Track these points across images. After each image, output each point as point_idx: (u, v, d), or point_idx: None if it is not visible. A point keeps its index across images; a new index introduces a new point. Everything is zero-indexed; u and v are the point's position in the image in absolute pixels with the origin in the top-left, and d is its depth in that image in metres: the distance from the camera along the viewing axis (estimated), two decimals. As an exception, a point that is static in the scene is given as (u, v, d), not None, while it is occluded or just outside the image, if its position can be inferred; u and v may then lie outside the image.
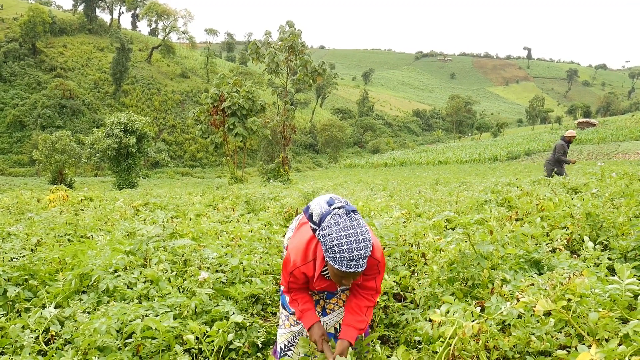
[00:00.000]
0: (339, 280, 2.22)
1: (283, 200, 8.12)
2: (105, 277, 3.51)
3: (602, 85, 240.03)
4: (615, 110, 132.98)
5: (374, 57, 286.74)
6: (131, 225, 5.30)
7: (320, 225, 2.19)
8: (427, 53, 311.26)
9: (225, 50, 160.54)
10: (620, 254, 3.79)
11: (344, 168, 60.97)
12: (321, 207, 2.26)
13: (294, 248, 2.42)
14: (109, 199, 11.52)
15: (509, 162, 46.83)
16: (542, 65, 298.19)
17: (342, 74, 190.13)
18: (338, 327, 2.75)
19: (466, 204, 6.53)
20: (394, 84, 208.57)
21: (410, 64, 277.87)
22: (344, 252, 2.09)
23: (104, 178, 45.62)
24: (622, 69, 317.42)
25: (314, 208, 2.29)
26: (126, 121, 28.88)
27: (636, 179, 7.82)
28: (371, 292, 2.54)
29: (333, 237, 2.10)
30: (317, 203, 2.31)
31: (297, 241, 2.45)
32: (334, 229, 2.11)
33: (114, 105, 69.57)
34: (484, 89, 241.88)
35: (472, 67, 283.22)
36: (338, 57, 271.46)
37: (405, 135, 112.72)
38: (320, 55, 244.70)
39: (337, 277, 2.20)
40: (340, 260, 2.10)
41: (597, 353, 2.08)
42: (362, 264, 2.12)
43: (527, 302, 2.54)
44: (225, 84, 32.91)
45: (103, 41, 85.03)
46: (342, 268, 2.11)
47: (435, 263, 3.60)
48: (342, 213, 2.16)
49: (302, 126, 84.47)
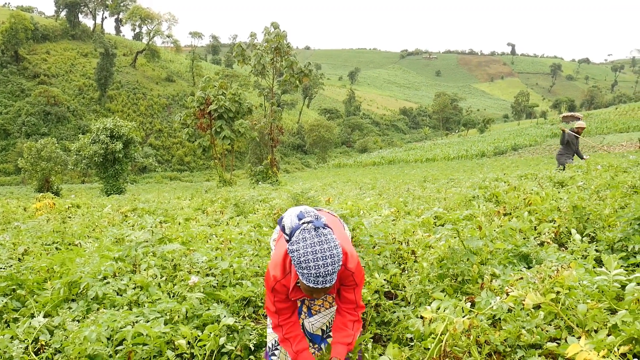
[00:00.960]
0: (310, 294, 2.22)
1: (272, 202, 8.11)
2: (94, 285, 3.48)
3: (586, 79, 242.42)
4: (599, 104, 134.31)
5: (360, 57, 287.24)
6: (119, 231, 5.26)
7: (290, 240, 2.19)
8: (413, 51, 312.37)
9: (211, 53, 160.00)
10: (607, 246, 3.83)
11: (333, 168, 61.00)
12: (292, 220, 2.26)
13: (273, 263, 2.41)
14: (97, 205, 11.43)
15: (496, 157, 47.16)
16: (526, 60, 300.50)
17: (329, 74, 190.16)
18: (325, 329, 2.75)
19: (454, 201, 6.57)
20: (380, 82, 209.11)
21: (395, 62, 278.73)
22: (311, 269, 2.08)
23: (91, 185, 45.27)
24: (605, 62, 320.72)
25: (286, 221, 2.28)
26: (112, 127, 28.65)
27: (621, 171, 7.91)
28: (352, 306, 2.52)
29: (300, 253, 2.10)
30: (288, 216, 2.31)
31: (274, 255, 2.45)
32: (301, 245, 2.11)
33: (100, 111, 69.06)
34: (470, 85, 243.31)
35: (457, 64, 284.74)
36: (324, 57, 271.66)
37: (392, 134, 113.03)
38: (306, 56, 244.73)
39: (308, 291, 2.20)
40: (307, 276, 2.10)
41: (586, 344, 2.10)
42: (329, 279, 2.11)
43: (517, 296, 2.56)
44: (211, 87, 32.77)
45: (87, 47, 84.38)
46: (309, 284, 2.11)
47: (425, 260, 3.62)
48: (311, 228, 2.15)
49: (289, 127, 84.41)
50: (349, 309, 2.51)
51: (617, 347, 2.12)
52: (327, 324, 2.74)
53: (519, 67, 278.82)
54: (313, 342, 2.74)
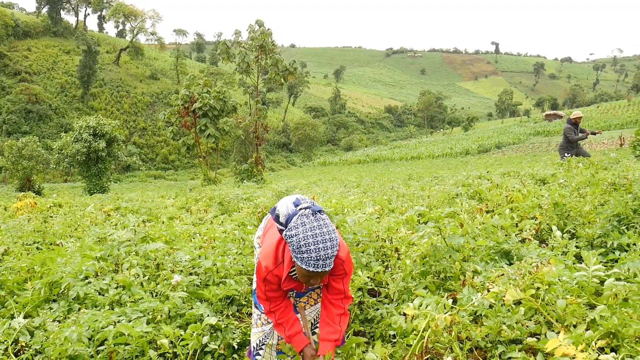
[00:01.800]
0: (306, 280, 2.23)
1: (257, 200, 8.10)
2: (76, 285, 3.45)
3: (568, 77, 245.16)
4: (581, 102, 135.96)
5: (345, 55, 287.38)
6: (102, 230, 5.21)
7: (287, 226, 2.20)
8: (397, 50, 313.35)
9: (195, 51, 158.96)
10: (587, 242, 3.89)
11: (318, 166, 61.00)
12: (287, 207, 2.28)
13: (264, 253, 2.40)
14: (79, 204, 11.32)
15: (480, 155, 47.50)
16: (510, 59, 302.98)
17: (314, 72, 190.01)
18: (309, 327, 2.75)
19: (438, 198, 6.61)
20: (365, 81, 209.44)
21: (381, 60, 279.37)
22: (311, 252, 2.10)
23: (74, 184, 44.76)
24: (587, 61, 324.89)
25: (280, 209, 2.30)
26: (95, 125, 28.33)
27: (601, 168, 8.03)
28: (340, 297, 2.53)
29: (300, 237, 2.12)
30: (283, 204, 2.33)
31: (266, 246, 2.45)
32: (300, 230, 2.13)
33: (82, 109, 68.17)
34: (454, 84, 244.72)
35: (442, 62, 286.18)
36: (309, 55, 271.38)
37: (378, 132, 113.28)
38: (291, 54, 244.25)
39: (305, 277, 2.21)
40: (307, 260, 2.11)
41: (565, 339, 2.13)
42: (329, 263, 2.14)
43: (498, 292, 2.59)
44: (195, 85, 32.59)
45: (69, 44, 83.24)
46: (309, 268, 2.13)
47: (408, 257, 3.64)
48: (309, 213, 2.18)
49: (274, 125, 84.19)
50: (336, 299, 2.52)
51: (595, 342, 2.15)
52: (312, 322, 2.75)
53: (502, 66, 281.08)
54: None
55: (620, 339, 2.24)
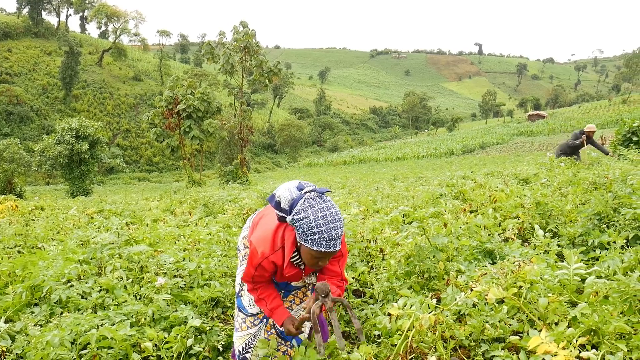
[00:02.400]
0: (314, 263, 2.24)
1: (242, 202, 8.08)
2: (58, 288, 3.41)
3: (550, 78, 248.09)
4: (563, 102, 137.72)
5: (330, 56, 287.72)
6: (85, 233, 5.16)
7: (292, 211, 2.19)
8: (382, 51, 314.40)
9: (179, 52, 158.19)
10: (569, 241, 3.94)
11: (304, 167, 61.01)
12: (291, 192, 2.26)
13: (260, 239, 2.36)
14: (62, 207, 11.20)
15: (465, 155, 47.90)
16: (493, 60, 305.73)
17: (299, 73, 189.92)
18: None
19: (422, 199, 6.65)
20: (350, 82, 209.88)
21: (365, 62, 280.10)
22: (323, 233, 2.11)
23: (57, 186, 44.21)
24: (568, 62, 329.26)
25: (282, 194, 2.28)
26: (78, 127, 28.02)
27: (583, 167, 8.13)
28: (337, 278, 2.55)
29: (310, 219, 2.12)
30: (284, 190, 2.30)
31: (261, 232, 2.40)
32: (310, 212, 2.13)
33: (65, 111, 67.35)
34: (438, 84, 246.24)
35: (426, 63, 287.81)
36: (294, 56, 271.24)
37: (363, 133, 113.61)
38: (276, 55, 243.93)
39: (314, 259, 2.21)
40: (319, 241, 2.12)
41: (546, 336, 2.16)
42: (339, 242, 2.16)
43: (481, 292, 2.61)
44: (179, 86, 32.39)
45: (50, 45, 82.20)
46: (321, 249, 2.14)
47: (393, 257, 3.66)
48: (315, 196, 2.19)
49: (260, 127, 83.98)
50: (334, 282, 2.54)
51: (576, 339, 2.18)
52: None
53: (486, 67, 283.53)
54: (285, 340, 2.72)
55: (601, 336, 2.27)
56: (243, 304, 2.67)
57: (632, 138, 10.65)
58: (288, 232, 2.31)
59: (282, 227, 2.34)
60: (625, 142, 10.76)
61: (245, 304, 2.66)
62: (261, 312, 2.63)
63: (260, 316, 2.66)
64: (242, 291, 2.66)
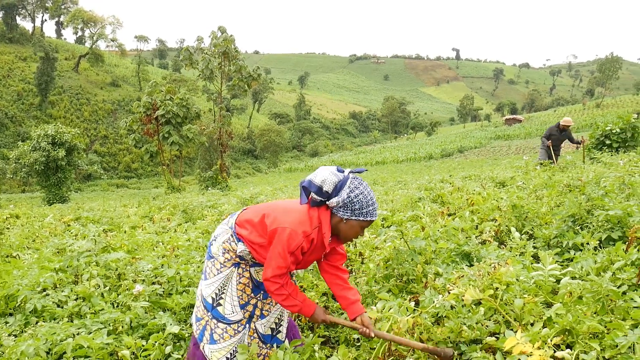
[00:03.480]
0: (358, 234, 2.52)
1: (221, 208, 8.04)
2: (33, 297, 3.36)
3: (526, 83, 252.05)
4: (539, 106, 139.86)
5: (309, 61, 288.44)
6: (61, 241, 5.07)
7: (341, 192, 2.39)
8: (361, 56, 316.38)
9: (157, 57, 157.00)
10: (544, 242, 4.00)
11: (284, 172, 60.88)
12: (336, 175, 2.42)
13: (296, 221, 2.42)
14: (38, 215, 11.01)
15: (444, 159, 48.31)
16: (471, 65, 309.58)
17: (278, 78, 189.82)
18: (274, 327, 2.75)
19: (401, 202, 6.69)
20: (329, 87, 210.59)
21: (344, 66, 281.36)
22: (374, 204, 2.44)
23: (33, 194, 43.39)
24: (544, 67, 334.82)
25: (328, 178, 2.41)
26: (54, 133, 27.54)
27: (558, 170, 8.28)
28: (342, 259, 2.75)
29: (365, 194, 2.40)
30: (326, 175, 2.42)
31: (294, 216, 2.45)
32: (361, 189, 2.40)
33: (41, 117, 66.26)
34: (417, 89, 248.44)
35: (405, 68, 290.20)
36: (273, 61, 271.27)
37: (343, 138, 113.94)
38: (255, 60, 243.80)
39: (362, 230, 2.51)
40: (372, 212, 2.43)
41: (522, 337, 2.19)
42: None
43: (458, 294, 2.64)
44: (158, 92, 32.12)
45: (25, 50, 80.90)
46: (373, 218, 2.45)
47: (372, 261, 3.68)
48: (356, 175, 2.47)
49: (239, 132, 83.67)
50: (340, 262, 2.73)
51: (551, 339, 2.22)
52: (276, 322, 2.75)
53: (463, 72, 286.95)
54: (264, 342, 2.71)
55: (575, 335, 2.31)
56: (223, 313, 2.60)
57: (605, 141, 10.87)
58: (323, 213, 2.48)
59: (313, 209, 2.48)
60: (599, 145, 10.98)
61: (226, 313, 2.59)
62: (244, 317, 2.61)
63: (243, 322, 2.62)
64: (222, 299, 2.60)
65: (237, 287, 2.59)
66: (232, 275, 2.60)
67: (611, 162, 7.10)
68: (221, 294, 2.60)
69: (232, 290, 2.59)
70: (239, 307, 2.60)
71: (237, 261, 2.60)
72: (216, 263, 2.63)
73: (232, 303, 2.60)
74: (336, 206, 2.43)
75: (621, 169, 5.42)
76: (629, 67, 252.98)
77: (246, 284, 2.62)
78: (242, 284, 2.61)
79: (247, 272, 2.63)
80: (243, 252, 2.56)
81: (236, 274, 2.60)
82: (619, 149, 10.42)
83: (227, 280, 2.59)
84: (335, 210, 2.45)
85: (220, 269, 2.61)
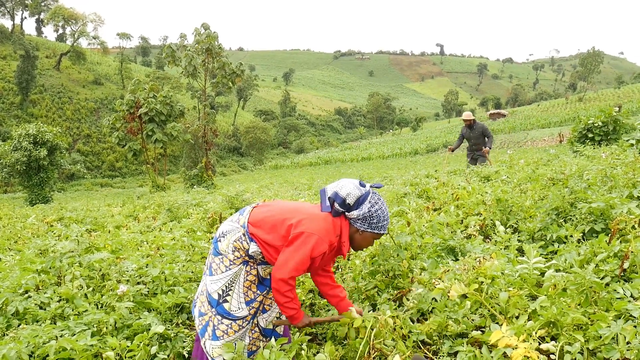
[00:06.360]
0: (368, 245, 2.71)
1: (207, 206, 7.98)
2: (14, 299, 3.30)
3: (510, 77, 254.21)
4: (523, 101, 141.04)
5: (294, 58, 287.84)
6: (43, 242, 5.00)
7: (359, 206, 2.55)
8: (346, 52, 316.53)
9: (140, 55, 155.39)
10: (528, 236, 4.03)
11: (270, 169, 60.71)
12: (360, 190, 2.57)
13: (323, 231, 2.51)
14: (20, 216, 10.86)
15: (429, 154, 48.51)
16: (455, 60, 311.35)
17: (263, 75, 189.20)
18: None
19: (387, 198, 6.69)
20: (314, 83, 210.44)
21: (329, 63, 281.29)
22: (388, 219, 2.63)
23: (15, 194, 42.77)
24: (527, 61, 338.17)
25: (352, 192, 2.55)
26: (35, 133, 27.15)
27: (542, 164, 8.35)
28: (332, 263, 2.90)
29: (383, 209, 2.59)
30: (351, 189, 2.57)
31: (321, 224, 2.54)
32: (380, 204, 2.59)
33: (22, 117, 65.23)
34: (402, 85, 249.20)
35: (389, 64, 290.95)
36: (258, 58, 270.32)
37: (328, 134, 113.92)
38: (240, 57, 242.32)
39: (373, 241, 2.69)
40: (386, 226, 2.63)
41: (507, 330, 2.20)
42: None
43: (444, 288, 2.65)
44: (141, 90, 31.80)
45: (5, 49, 79.54)
46: (385, 231, 2.66)
47: (358, 257, 3.68)
48: (375, 190, 2.65)
49: (224, 129, 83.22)
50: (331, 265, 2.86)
51: (536, 331, 2.23)
52: (277, 317, 2.82)
53: (448, 67, 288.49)
54: (265, 336, 2.80)
55: (560, 327, 2.33)
56: (229, 309, 2.63)
57: (587, 135, 10.99)
58: (344, 223, 2.62)
59: (336, 219, 2.61)
60: (582, 138, 11.10)
61: (232, 309, 2.62)
62: (249, 313, 2.66)
63: (248, 318, 2.67)
64: (229, 296, 2.62)
65: (244, 284, 2.64)
66: (240, 273, 2.64)
67: (594, 155, 7.17)
68: (228, 290, 2.63)
69: (239, 287, 2.63)
70: (244, 303, 2.64)
71: (246, 259, 2.64)
72: (225, 260, 2.63)
73: (239, 300, 2.64)
74: (355, 218, 2.58)
75: (603, 161, 5.47)
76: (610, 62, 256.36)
77: (253, 281, 2.67)
78: (249, 281, 2.65)
79: (255, 270, 2.68)
80: (255, 252, 2.59)
81: (244, 271, 2.64)
82: (602, 142, 10.55)
83: (235, 277, 2.63)
84: (353, 222, 2.61)
85: (229, 266, 2.63)
